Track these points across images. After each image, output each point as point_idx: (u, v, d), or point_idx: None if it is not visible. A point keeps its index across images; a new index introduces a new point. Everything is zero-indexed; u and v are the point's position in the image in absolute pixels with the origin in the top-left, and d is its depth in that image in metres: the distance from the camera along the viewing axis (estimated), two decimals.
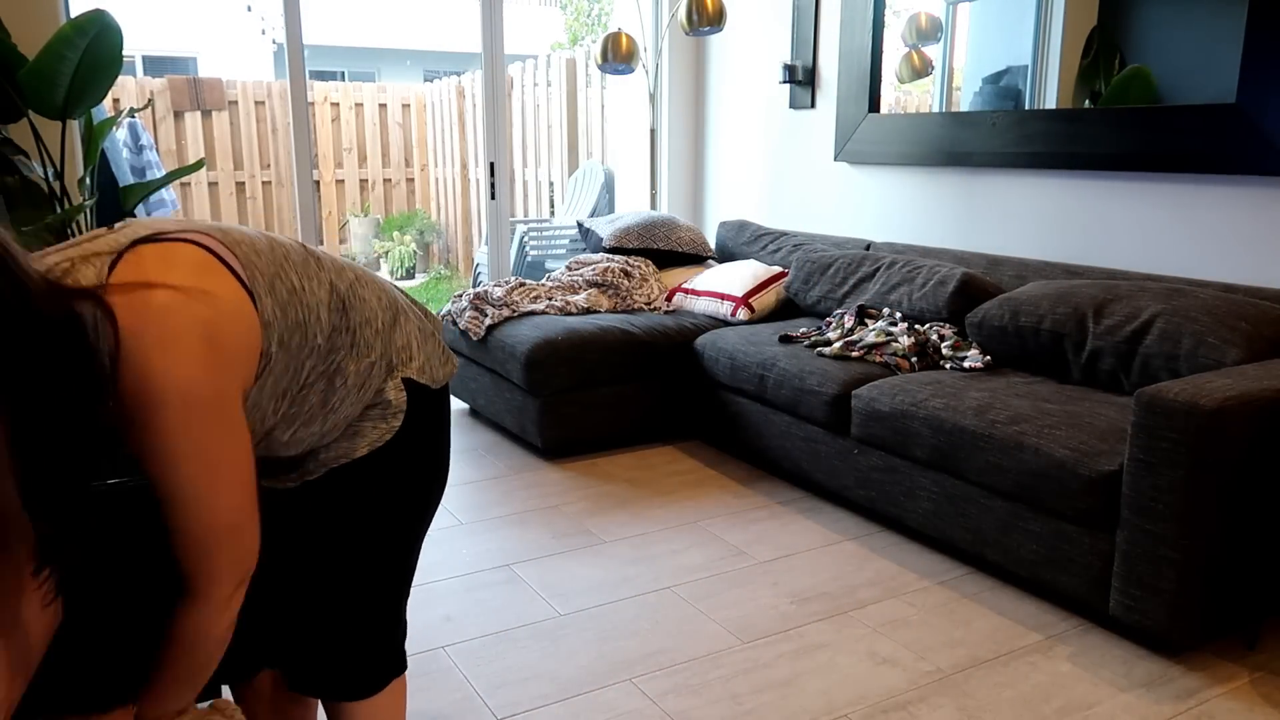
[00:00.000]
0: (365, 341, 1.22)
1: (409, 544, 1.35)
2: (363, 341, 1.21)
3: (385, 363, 1.25)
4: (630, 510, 2.89)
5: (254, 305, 1.03)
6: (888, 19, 3.61)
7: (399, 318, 1.29)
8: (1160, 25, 2.71)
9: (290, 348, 1.09)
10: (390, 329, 1.27)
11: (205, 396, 0.96)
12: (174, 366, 0.93)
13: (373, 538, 1.30)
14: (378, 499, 1.29)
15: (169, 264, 0.98)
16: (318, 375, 1.16)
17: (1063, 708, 1.88)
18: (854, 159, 3.82)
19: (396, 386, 1.26)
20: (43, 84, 2.95)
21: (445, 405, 1.38)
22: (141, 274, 0.96)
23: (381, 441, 1.26)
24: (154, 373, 0.92)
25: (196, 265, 1.00)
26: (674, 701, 1.91)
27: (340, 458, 1.25)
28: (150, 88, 7.37)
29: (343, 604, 1.31)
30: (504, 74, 4.34)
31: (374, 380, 1.24)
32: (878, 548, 2.63)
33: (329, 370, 1.17)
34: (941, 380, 2.64)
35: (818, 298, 3.48)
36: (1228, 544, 1.99)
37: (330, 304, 1.16)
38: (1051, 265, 3.01)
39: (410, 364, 1.29)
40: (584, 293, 3.73)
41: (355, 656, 1.34)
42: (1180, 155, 2.67)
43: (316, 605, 1.31)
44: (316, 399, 1.17)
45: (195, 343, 0.95)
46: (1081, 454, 2.11)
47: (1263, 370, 2.11)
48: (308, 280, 1.14)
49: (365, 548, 1.30)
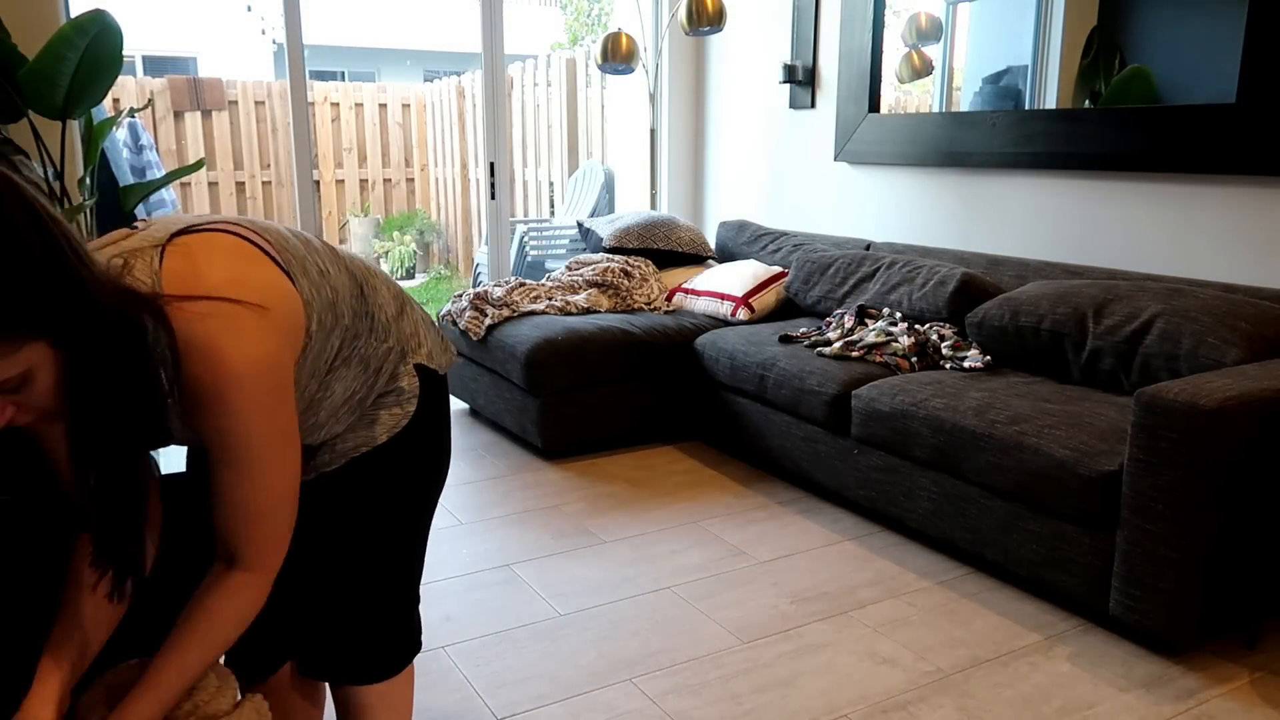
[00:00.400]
0: (382, 326, 1.26)
1: (421, 524, 1.40)
2: (379, 327, 1.26)
3: (400, 349, 1.30)
4: (630, 510, 2.89)
5: (293, 285, 1.08)
6: (888, 19, 3.61)
7: (405, 307, 1.34)
8: (1160, 25, 2.71)
9: (325, 327, 1.14)
10: (399, 317, 1.31)
11: (274, 370, 1.01)
12: (243, 347, 0.97)
13: (389, 521, 1.34)
14: (394, 483, 1.33)
15: (213, 251, 1.02)
16: (342, 360, 1.19)
17: (1063, 708, 1.88)
18: (854, 159, 3.82)
19: (409, 372, 1.31)
20: (43, 84, 2.95)
21: (446, 390, 1.43)
22: (191, 262, 1.00)
23: (399, 427, 1.30)
24: (225, 356, 0.96)
25: (238, 251, 1.04)
26: (674, 701, 1.91)
27: (360, 446, 1.28)
28: (150, 88, 7.37)
29: (362, 587, 1.34)
30: (504, 74, 4.34)
31: (389, 365, 1.28)
32: (878, 548, 2.63)
33: (351, 355, 1.21)
34: (941, 380, 2.64)
35: (818, 298, 3.48)
36: (1227, 544, 1.99)
37: (351, 289, 1.21)
38: (1051, 265, 3.01)
39: (420, 350, 1.33)
40: (584, 293, 3.73)
41: (374, 638, 1.37)
42: (1180, 155, 2.67)
43: (336, 590, 1.34)
44: (340, 384, 1.21)
45: (257, 323, 0.99)
46: (1081, 454, 2.11)
47: (1263, 370, 2.11)
48: (331, 265, 1.18)
49: (383, 531, 1.34)
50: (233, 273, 1.00)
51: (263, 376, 0.99)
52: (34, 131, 3.12)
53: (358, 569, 1.33)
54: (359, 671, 1.38)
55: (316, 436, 1.24)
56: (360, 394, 1.25)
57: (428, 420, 1.35)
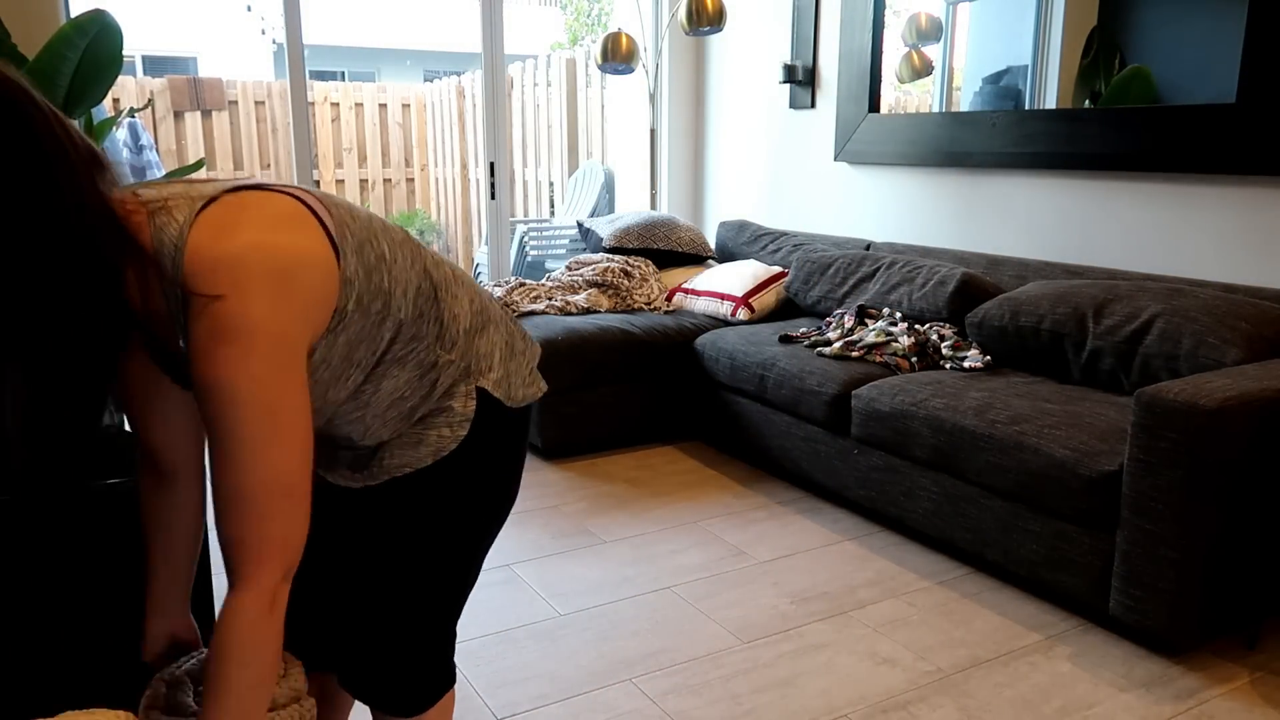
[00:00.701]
0: (450, 338, 1.20)
1: (467, 562, 1.31)
2: (448, 337, 1.19)
3: (464, 365, 1.22)
4: (630, 510, 2.89)
5: (337, 260, 1.04)
6: (888, 19, 3.61)
7: (488, 326, 1.26)
8: (1160, 25, 2.71)
9: (370, 312, 1.09)
10: (476, 334, 1.24)
11: (271, 334, 0.96)
12: (243, 303, 0.94)
13: (430, 552, 1.26)
14: (439, 513, 1.25)
15: (258, 209, 1.00)
16: (395, 358, 1.14)
17: (1063, 708, 1.88)
18: (854, 159, 3.82)
19: (468, 394, 1.22)
20: (43, 84, 2.95)
21: (522, 427, 1.32)
22: (229, 217, 0.98)
23: (445, 451, 1.22)
24: (223, 307, 0.94)
25: (285, 213, 1.01)
26: (674, 701, 1.91)
27: (404, 466, 1.22)
28: (150, 88, 7.37)
29: (396, 617, 1.27)
30: (504, 74, 4.34)
31: (445, 379, 1.21)
32: (878, 548, 2.63)
33: (408, 356, 1.15)
34: (941, 380, 2.64)
35: (818, 298, 3.49)
36: (1227, 544, 1.99)
37: (420, 287, 1.16)
38: (1051, 265, 3.01)
39: (488, 375, 1.25)
40: (584, 293, 3.73)
41: (406, 670, 1.30)
42: (1180, 155, 2.67)
43: (371, 614, 1.28)
44: (389, 383, 1.15)
45: (266, 281, 0.96)
46: (1081, 454, 2.11)
47: (1263, 370, 2.11)
48: (401, 254, 1.14)
49: (422, 562, 1.26)
50: (262, 235, 0.97)
51: (259, 337, 0.95)
52: None
53: (390, 593, 1.27)
54: (389, 700, 1.31)
55: (360, 434, 1.20)
56: (412, 401, 1.19)
57: (483, 450, 1.26)
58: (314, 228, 1.02)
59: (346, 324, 1.06)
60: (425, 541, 1.26)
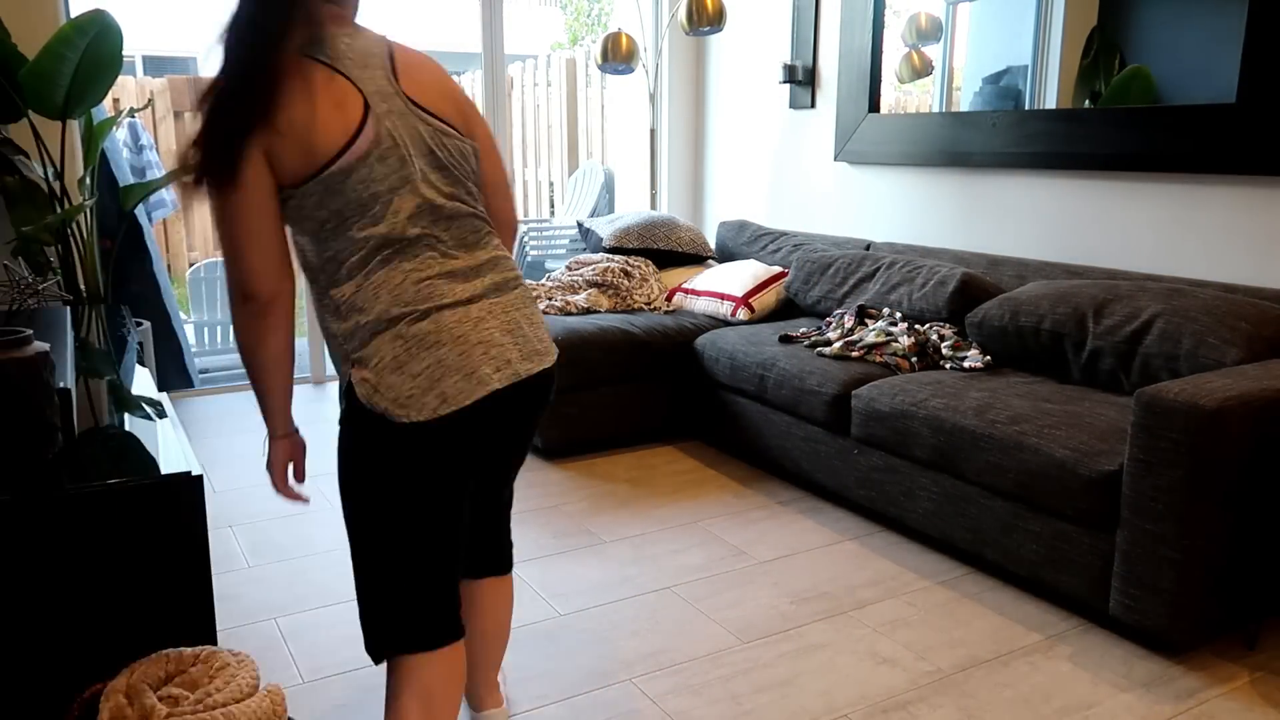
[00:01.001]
0: (391, 279, 1.30)
1: (380, 528, 1.33)
2: (388, 278, 1.29)
3: (351, 346, 1.32)
4: (630, 510, 2.89)
5: (358, 135, 1.27)
6: (888, 19, 3.61)
7: (383, 333, 1.31)
8: (1160, 25, 2.71)
9: (333, 189, 1.27)
10: (430, 299, 1.30)
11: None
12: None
13: (344, 491, 1.36)
14: (345, 452, 1.35)
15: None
16: (329, 231, 1.29)
17: (1063, 708, 1.88)
18: (854, 159, 3.82)
19: (358, 378, 1.31)
20: (43, 84, 2.95)
21: (409, 441, 1.29)
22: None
23: (360, 396, 1.30)
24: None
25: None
26: (674, 701, 1.91)
27: (345, 376, 1.33)
28: (150, 88, 7.36)
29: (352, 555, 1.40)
30: (504, 74, 4.34)
31: (362, 331, 1.30)
32: (878, 548, 2.63)
33: (336, 232, 1.29)
34: (941, 380, 2.64)
35: (818, 298, 3.49)
36: (1228, 544, 1.99)
37: (405, 226, 1.31)
38: (1051, 265, 3.01)
39: (361, 369, 1.31)
40: (584, 293, 3.73)
41: (360, 608, 1.40)
42: (1180, 155, 2.67)
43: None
44: (306, 240, 1.32)
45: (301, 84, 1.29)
46: (1081, 454, 2.11)
47: (1263, 370, 2.11)
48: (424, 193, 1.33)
49: (346, 508, 1.37)
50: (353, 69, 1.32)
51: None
52: (34, 131, 3.12)
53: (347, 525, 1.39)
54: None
55: (321, 318, 1.35)
56: (315, 264, 1.32)
57: (369, 433, 1.31)
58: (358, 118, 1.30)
59: (322, 176, 1.26)
60: (342, 477, 1.36)
